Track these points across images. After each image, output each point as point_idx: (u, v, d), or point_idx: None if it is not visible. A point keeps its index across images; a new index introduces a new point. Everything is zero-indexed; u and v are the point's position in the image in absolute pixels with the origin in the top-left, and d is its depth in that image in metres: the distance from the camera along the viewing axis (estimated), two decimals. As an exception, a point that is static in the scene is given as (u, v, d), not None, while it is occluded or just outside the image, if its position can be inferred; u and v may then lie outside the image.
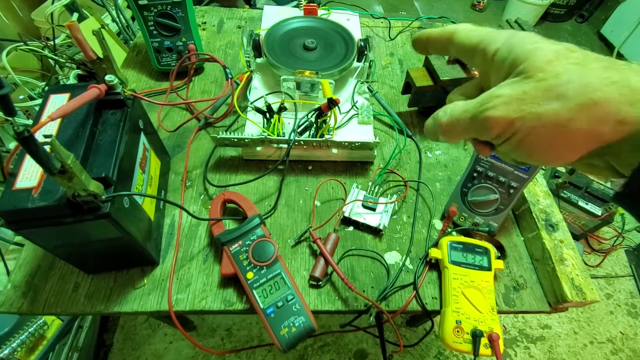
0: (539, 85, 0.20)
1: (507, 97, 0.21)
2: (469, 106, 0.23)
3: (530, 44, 0.21)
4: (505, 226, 0.56)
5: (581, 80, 0.19)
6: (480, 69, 0.25)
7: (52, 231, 0.36)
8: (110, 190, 0.36)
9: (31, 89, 1.13)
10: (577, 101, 0.19)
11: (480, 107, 0.22)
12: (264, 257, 0.45)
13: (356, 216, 0.53)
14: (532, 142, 0.21)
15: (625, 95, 0.18)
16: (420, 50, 0.30)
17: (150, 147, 0.49)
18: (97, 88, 0.39)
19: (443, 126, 0.25)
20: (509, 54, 0.22)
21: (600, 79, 0.19)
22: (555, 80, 0.19)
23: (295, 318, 0.42)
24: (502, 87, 0.21)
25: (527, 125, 0.20)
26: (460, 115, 0.23)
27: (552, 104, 0.19)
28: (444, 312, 0.46)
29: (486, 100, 0.22)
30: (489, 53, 0.23)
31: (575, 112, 0.19)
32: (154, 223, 0.48)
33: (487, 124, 0.22)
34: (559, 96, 0.19)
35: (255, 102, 0.59)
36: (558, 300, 0.48)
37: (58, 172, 0.30)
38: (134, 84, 0.69)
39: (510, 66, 0.22)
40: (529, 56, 0.21)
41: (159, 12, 0.62)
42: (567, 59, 0.20)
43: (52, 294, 0.46)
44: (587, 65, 0.19)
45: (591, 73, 0.19)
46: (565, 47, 0.21)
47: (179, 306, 0.46)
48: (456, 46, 0.26)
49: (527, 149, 0.21)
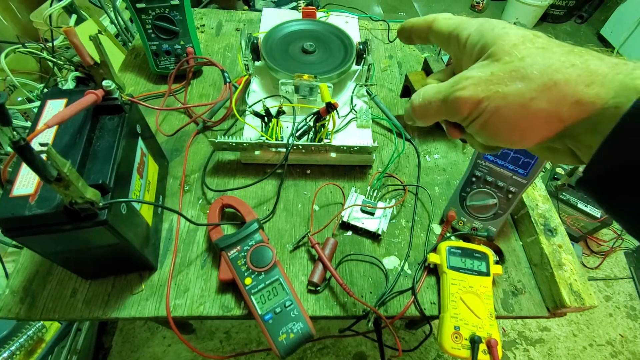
0: (505, 67, 0.21)
1: (476, 79, 0.22)
2: (441, 88, 0.24)
3: (499, 29, 0.22)
4: (504, 231, 0.56)
5: (544, 63, 0.20)
6: (454, 54, 0.26)
7: (50, 238, 0.36)
8: (107, 197, 0.36)
9: (29, 90, 1.13)
10: (539, 82, 0.20)
11: (451, 89, 0.23)
12: (262, 262, 0.45)
13: (355, 221, 0.53)
14: (497, 122, 0.21)
15: (583, 77, 0.19)
16: (406, 40, 0.31)
17: (147, 151, 0.49)
18: (94, 94, 0.39)
19: (416, 108, 0.26)
20: (480, 39, 0.23)
21: (561, 62, 0.20)
22: (521, 63, 0.20)
23: (294, 324, 0.42)
24: (472, 69, 0.23)
25: (493, 104, 0.21)
26: (432, 97, 0.24)
27: (517, 84, 0.20)
28: (443, 317, 0.46)
29: (457, 82, 0.23)
30: (462, 39, 0.24)
31: (537, 92, 0.20)
32: (151, 228, 0.48)
33: (457, 104, 0.22)
34: (523, 77, 0.20)
35: (253, 106, 0.59)
36: (556, 306, 0.48)
37: (54, 180, 0.30)
38: (132, 87, 0.69)
39: (480, 50, 0.23)
40: (497, 40, 0.22)
41: (157, 15, 0.61)
42: (533, 43, 0.21)
43: (50, 299, 0.46)
44: (550, 49, 0.20)
45: (553, 56, 0.20)
46: (531, 33, 0.22)
47: (177, 312, 0.45)
48: (434, 33, 0.27)
49: (492, 130, 0.22)
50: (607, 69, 0.19)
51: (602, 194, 0.20)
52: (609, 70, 0.19)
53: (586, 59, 0.19)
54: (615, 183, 0.19)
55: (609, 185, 0.19)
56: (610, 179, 0.19)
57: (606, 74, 0.19)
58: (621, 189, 0.19)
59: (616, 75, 0.18)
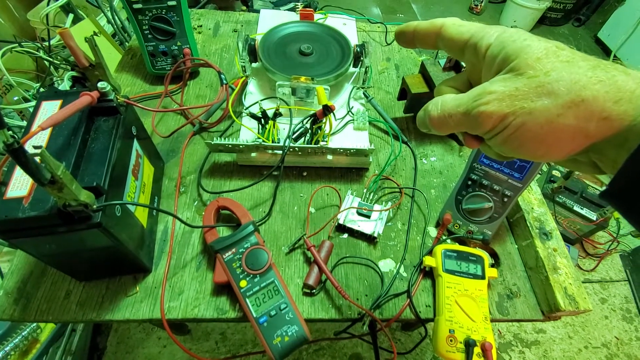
0: (530, 82, 0.20)
1: (500, 94, 0.21)
2: (461, 101, 0.23)
3: (520, 40, 0.22)
4: (500, 234, 0.56)
5: (570, 78, 0.20)
6: (469, 63, 0.26)
7: (43, 240, 0.36)
8: (101, 199, 0.36)
9: (25, 90, 1.13)
10: (566, 98, 0.19)
11: (474, 103, 0.22)
12: (258, 265, 0.45)
13: (351, 223, 0.53)
14: (522, 137, 0.21)
15: (611, 93, 0.19)
16: (405, 44, 0.29)
17: (143, 153, 0.49)
18: (89, 95, 0.39)
19: (435, 120, 0.25)
20: (501, 51, 0.22)
21: (587, 77, 0.19)
22: (546, 78, 0.20)
23: (289, 327, 0.42)
24: (494, 83, 0.22)
25: (519, 120, 0.21)
26: (452, 110, 0.24)
27: (543, 100, 0.20)
28: (437, 320, 0.46)
29: (479, 96, 0.22)
30: (481, 49, 0.24)
31: (565, 108, 0.19)
32: (146, 230, 0.47)
33: (480, 119, 0.22)
34: (549, 93, 0.20)
35: (250, 108, 0.59)
36: (551, 309, 0.48)
37: (48, 183, 0.30)
38: (128, 87, 0.68)
39: (501, 62, 0.22)
40: (519, 53, 0.21)
41: (153, 16, 0.61)
42: (557, 56, 0.21)
43: (44, 301, 0.45)
44: (576, 64, 0.20)
45: (579, 71, 0.20)
46: (554, 45, 0.21)
47: (172, 314, 0.45)
48: (445, 40, 0.26)
49: (516, 144, 0.22)
50: (635, 84, 0.19)
51: (627, 207, 0.20)
52: (636, 87, 0.19)
53: (613, 75, 0.19)
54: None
55: (634, 198, 0.19)
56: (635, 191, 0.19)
57: (634, 90, 0.18)
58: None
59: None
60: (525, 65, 0.21)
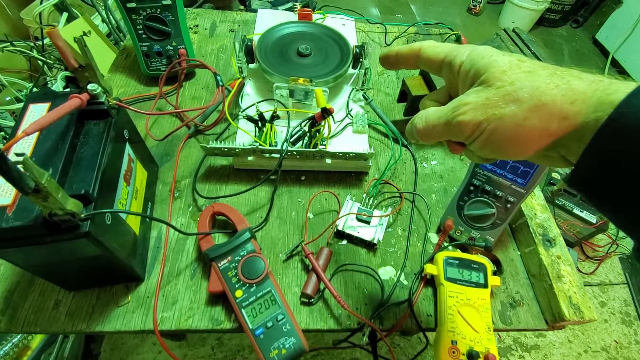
0: (498, 92, 0.23)
1: (474, 104, 0.24)
2: (442, 113, 0.27)
3: (487, 56, 0.25)
4: (502, 240, 0.55)
5: (532, 86, 0.22)
6: (447, 79, 0.29)
7: (29, 251, 0.34)
8: (90, 207, 0.34)
9: (18, 90, 1.11)
10: (530, 103, 0.22)
11: (453, 114, 0.26)
12: (254, 273, 0.44)
13: (350, 230, 0.51)
14: (497, 139, 0.24)
15: (567, 96, 0.22)
16: (390, 66, 0.33)
17: (136, 157, 0.47)
18: (78, 98, 0.37)
19: (421, 131, 0.28)
20: (472, 67, 0.26)
21: (546, 84, 0.22)
22: (511, 87, 0.23)
23: (286, 339, 0.41)
24: (469, 95, 0.25)
25: (492, 125, 0.24)
26: (435, 121, 0.27)
27: (511, 106, 0.23)
28: (439, 331, 0.44)
29: (457, 108, 0.25)
30: (455, 66, 0.27)
31: (529, 112, 0.22)
32: (139, 237, 0.46)
33: (459, 127, 0.25)
34: (515, 100, 0.23)
35: (246, 110, 0.58)
36: (555, 319, 0.47)
37: (32, 192, 0.28)
38: (122, 88, 0.67)
39: (473, 77, 0.25)
40: (488, 68, 0.24)
41: (148, 16, 0.60)
42: (520, 68, 0.24)
43: (32, 311, 0.44)
44: (536, 72, 0.23)
45: (539, 79, 0.23)
46: (516, 58, 0.24)
47: (165, 325, 0.44)
48: (424, 61, 0.30)
49: (493, 145, 0.25)
50: (586, 86, 0.21)
51: (586, 192, 0.23)
52: (587, 88, 0.21)
53: (568, 80, 0.22)
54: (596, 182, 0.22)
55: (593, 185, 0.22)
56: (592, 178, 0.22)
57: (586, 92, 0.21)
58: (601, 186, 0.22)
59: (594, 92, 0.21)
60: (493, 77, 0.24)
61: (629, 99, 0.20)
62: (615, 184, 0.21)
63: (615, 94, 0.20)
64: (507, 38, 0.72)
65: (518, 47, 0.70)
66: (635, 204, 0.21)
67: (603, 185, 0.21)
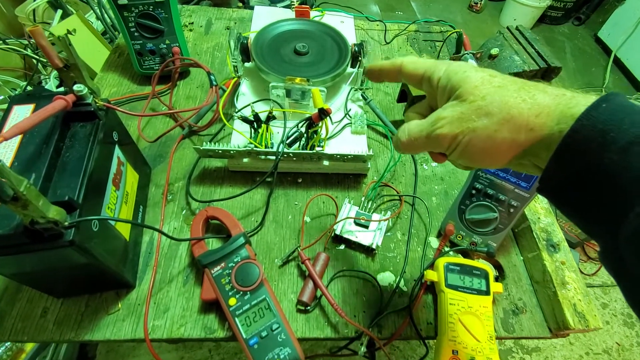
0: (471, 106, 0.25)
1: (450, 118, 0.26)
2: (422, 127, 0.29)
3: (461, 72, 0.27)
4: (504, 245, 0.53)
5: (501, 100, 0.24)
6: (427, 92, 0.31)
7: (11, 260, 0.33)
8: (75, 214, 0.33)
9: (13, 89, 1.09)
10: (500, 116, 0.24)
11: (431, 127, 0.27)
12: (248, 281, 0.42)
13: (348, 234, 0.50)
14: (471, 150, 0.26)
15: (532, 109, 0.23)
16: (375, 79, 0.35)
17: (126, 160, 0.46)
18: (63, 99, 0.36)
19: (405, 144, 0.30)
20: (448, 82, 0.27)
21: (514, 98, 0.24)
22: (483, 102, 0.25)
23: (281, 349, 0.39)
24: (445, 109, 0.27)
25: (467, 137, 0.26)
26: (417, 135, 0.29)
27: (482, 120, 0.25)
28: (440, 340, 0.43)
29: (435, 122, 0.27)
30: (434, 81, 0.29)
31: (499, 125, 0.24)
32: (130, 243, 0.44)
33: (438, 140, 0.27)
34: (486, 114, 0.25)
35: (242, 111, 0.56)
36: (559, 327, 0.45)
37: (10, 200, 0.27)
38: (114, 87, 0.65)
39: (449, 91, 0.27)
40: (461, 83, 0.26)
41: (140, 13, 0.58)
42: (491, 83, 0.25)
43: (19, 319, 0.42)
44: (505, 87, 0.25)
45: (508, 93, 0.24)
46: (488, 74, 0.26)
47: (156, 333, 0.42)
48: (405, 75, 0.32)
49: (469, 155, 0.27)
50: (550, 100, 0.23)
51: (553, 198, 0.25)
52: (551, 101, 0.23)
53: (533, 94, 0.24)
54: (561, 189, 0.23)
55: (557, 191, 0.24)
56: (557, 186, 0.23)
57: (550, 105, 0.23)
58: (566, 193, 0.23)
59: (557, 105, 0.23)
60: (466, 92, 0.26)
61: (588, 112, 0.21)
62: (577, 191, 0.22)
63: (576, 107, 0.22)
64: (510, 36, 0.70)
65: (521, 45, 0.68)
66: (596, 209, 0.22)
67: (568, 193, 0.23)
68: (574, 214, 0.24)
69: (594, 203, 0.22)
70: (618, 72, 2.20)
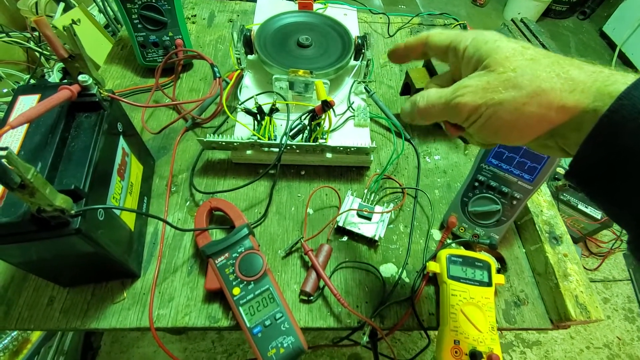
0: (499, 77, 0.24)
1: (474, 87, 0.25)
2: (443, 93, 0.27)
3: (491, 42, 0.25)
4: (507, 237, 0.53)
5: (532, 73, 0.23)
6: (452, 64, 0.30)
7: (18, 248, 0.33)
8: (81, 203, 0.33)
9: (16, 82, 1.09)
10: (529, 89, 0.23)
11: (452, 95, 0.26)
12: (252, 271, 0.42)
13: (351, 226, 0.50)
14: (495, 123, 0.25)
15: (566, 85, 0.22)
16: (398, 60, 0.34)
17: (130, 151, 0.46)
18: (68, 89, 0.36)
19: (421, 109, 0.29)
20: (475, 51, 0.26)
21: (547, 72, 0.23)
22: (513, 73, 0.23)
23: (284, 338, 0.40)
24: (471, 78, 0.26)
25: (490, 110, 0.24)
26: (436, 101, 0.27)
27: (510, 92, 0.23)
28: (442, 330, 0.43)
29: (457, 89, 0.26)
30: (460, 51, 0.27)
31: (528, 98, 0.23)
32: (134, 233, 0.45)
33: (457, 108, 0.26)
34: (515, 86, 0.23)
35: (245, 103, 0.56)
36: (561, 318, 0.45)
37: (18, 187, 0.27)
38: (118, 80, 0.65)
39: (476, 61, 0.26)
40: (491, 53, 0.25)
41: (143, 5, 0.58)
42: (523, 55, 0.24)
43: (26, 308, 0.43)
44: (538, 61, 0.23)
45: (540, 67, 0.23)
46: (520, 45, 0.25)
47: (161, 322, 0.43)
48: (431, 47, 0.30)
49: (492, 130, 0.25)
50: (586, 77, 0.22)
51: (583, 183, 0.23)
52: (587, 78, 0.22)
53: (568, 70, 0.22)
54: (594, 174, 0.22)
55: (591, 175, 0.22)
56: (591, 170, 0.22)
57: (585, 82, 0.22)
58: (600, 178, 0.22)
59: (594, 82, 0.21)
60: (495, 63, 0.24)
61: (629, 91, 0.20)
62: (611, 176, 0.21)
63: (613, 85, 0.20)
64: (514, 28, 0.70)
65: (526, 38, 0.67)
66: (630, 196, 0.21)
67: (600, 177, 0.22)
68: (605, 201, 0.23)
69: (629, 189, 0.21)
70: (623, 67, 2.18)
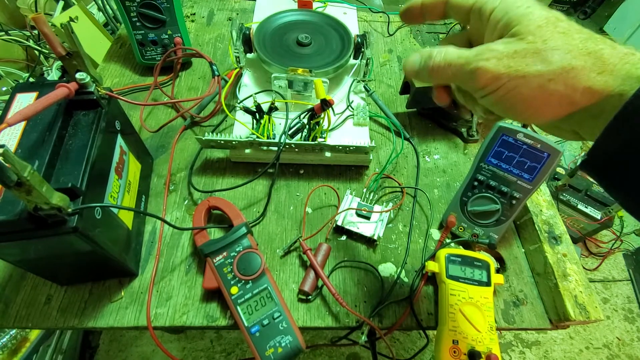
0: (528, 47, 0.22)
1: (499, 53, 0.23)
2: (464, 54, 0.24)
3: (523, 7, 0.23)
4: (506, 237, 0.53)
5: (564, 48, 0.21)
6: (474, 26, 0.27)
7: (15, 246, 0.33)
8: (78, 201, 0.33)
9: (15, 80, 1.09)
10: (559, 65, 0.21)
11: (475, 57, 0.23)
12: (250, 270, 0.42)
13: (349, 225, 0.50)
14: (514, 97, 0.23)
15: (596, 65, 0.20)
16: (413, 20, 0.30)
17: (128, 149, 0.46)
18: (65, 87, 0.36)
19: (435, 65, 0.26)
20: (504, 15, 0.23)
21: (579, 48, 0.21)
22: (543, 45, 0.21)
23: (282, 337, 0.39)
24: (497, 43, 0.23)
25: (513, 82, 0.22)
26: (454, 60, 0.25)
27: (537, 66, 0.21)
28: (440, 330, 0.43)
29: (481, 52, 0.23)
30: (486, 13, 0.25)
31: (556, 75, 0.21)
32: (132, 232, 0.45)
33: (475, 73, 0.23)
34: (544, 60, 0.21)
35: (244, 101, 0.56)
36: (560, 318, 0.45)
37: (14, 185, 0.27)
38: (116, 78, 0.65)
39: (504, 26, 0.23)
40: (522, 19, 0.22)
41: (142, 3, 0.58)
42: (555, 27, 0.22)
43: (24, 306, 0.43)
44: (571, 35, 0.22)
45: (573, 42, 0.21)
46: (554, 16, 0.23)
47: (159, 321, 0.43)
48: (452, 7, 0.27)
49: (508, 104, 0.23)
50: (617, 58, 0.20)
51: (603, 174, 0.22)
52: (618, 60, 0.20)
53: (600, 48, 0.21)
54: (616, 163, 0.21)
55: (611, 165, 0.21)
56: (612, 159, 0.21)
57: (616, 64, 0.20)
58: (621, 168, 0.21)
59: (624, 65, 0.20)
60: (526, 31, 0.22)
61: None
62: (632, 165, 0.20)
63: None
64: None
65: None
66: None
67: (620, 167, 0.21)
68: (623, 193, 0.22)
69: None
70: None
